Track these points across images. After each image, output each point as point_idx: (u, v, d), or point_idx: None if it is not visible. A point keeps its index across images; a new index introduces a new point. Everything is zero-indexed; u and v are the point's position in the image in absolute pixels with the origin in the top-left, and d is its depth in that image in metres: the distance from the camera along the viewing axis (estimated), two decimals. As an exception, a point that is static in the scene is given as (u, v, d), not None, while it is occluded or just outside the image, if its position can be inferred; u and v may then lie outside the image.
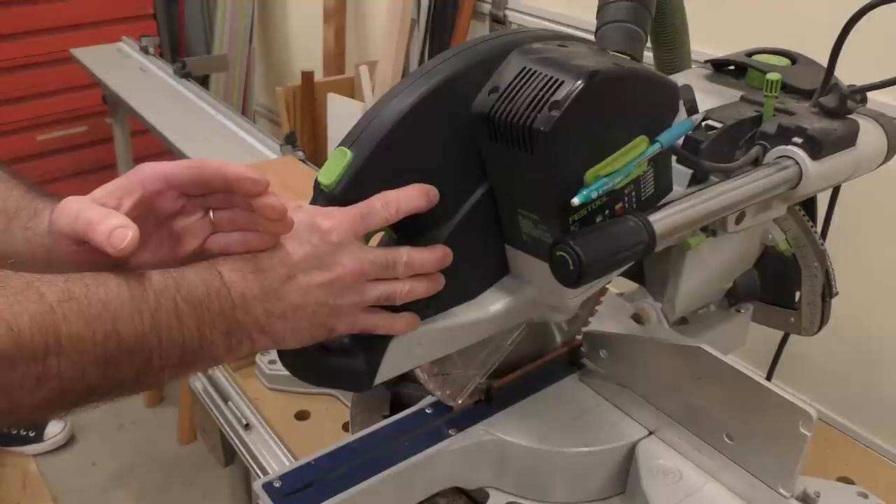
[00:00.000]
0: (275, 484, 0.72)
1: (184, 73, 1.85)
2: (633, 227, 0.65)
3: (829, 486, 0.75)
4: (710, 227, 0.89)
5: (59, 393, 0.49)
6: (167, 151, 2.90)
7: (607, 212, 0.69)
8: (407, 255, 0.62)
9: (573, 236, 0.62)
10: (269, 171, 1.31)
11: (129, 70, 1.96)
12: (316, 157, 1.37)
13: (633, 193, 0.71)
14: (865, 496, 0.83)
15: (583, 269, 0.60)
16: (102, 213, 0.56)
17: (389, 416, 0.92)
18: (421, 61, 1.82)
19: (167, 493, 2.02)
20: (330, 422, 0.98)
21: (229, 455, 1.12)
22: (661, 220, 0.67)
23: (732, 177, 0.80)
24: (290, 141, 1.36)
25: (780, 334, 1.12)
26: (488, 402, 0.82)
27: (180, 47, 2.86)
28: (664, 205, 0.72)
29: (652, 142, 0.67)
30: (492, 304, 0.71)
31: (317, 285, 0.58)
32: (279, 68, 2.78)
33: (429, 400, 0.83)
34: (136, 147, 2.30)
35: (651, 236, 0.65)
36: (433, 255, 0.63)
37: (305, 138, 1.84)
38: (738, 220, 0.88)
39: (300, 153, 1.36)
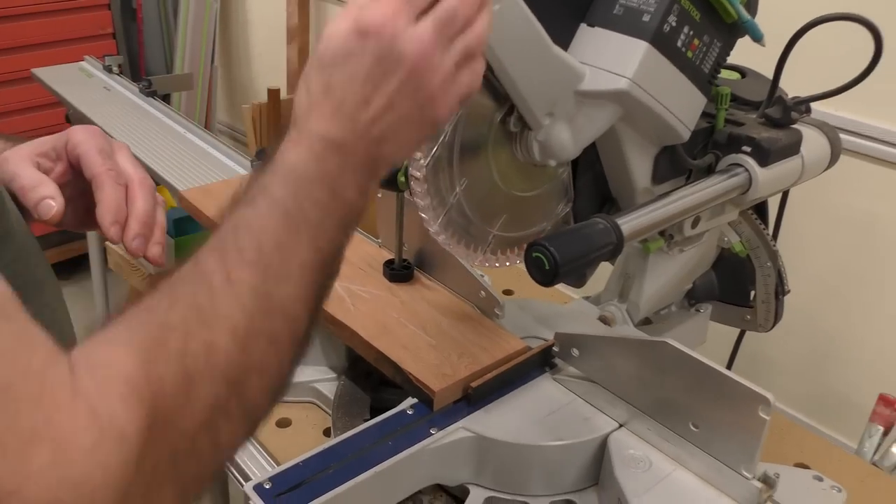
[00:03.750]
0: (265, 485, 0.74)
1: (149, 92, 1.86)
2: (602, 229, 0.70)
3: (787, 471, 0.80)
4: (668, 232, 0.95)
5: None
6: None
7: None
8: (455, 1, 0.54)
9: (548, 238, 0.67)
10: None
11: (93, 89, 1.96)
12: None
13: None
14: (820, 479, 0.88)
15: (558, 268, 0.65)
16: (34, 180, 0.65)
17: (369, 419, 0.95)
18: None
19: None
20: (311, 428, 1.01)
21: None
22: (627, 222, 0.73)
23: (688, 183, 0.86)
24: (261, 156, 1.39)
25: (736, 332, 1.19)
26: (467, 402, 0.85)
27: (140, 67, 2.86)
28: (629, 211, 0.77)
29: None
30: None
31: (395, 91, 0.53)
32: (241, 87, 2.80)
33: (409, 402, 0.87)
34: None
35: (619, 237, 0.70)
36: None
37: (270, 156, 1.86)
38: (694, 225, 0.94)
39: (271, 169, 1.39)
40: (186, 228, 2.04)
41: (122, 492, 0.40)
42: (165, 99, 2.03)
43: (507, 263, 0.85)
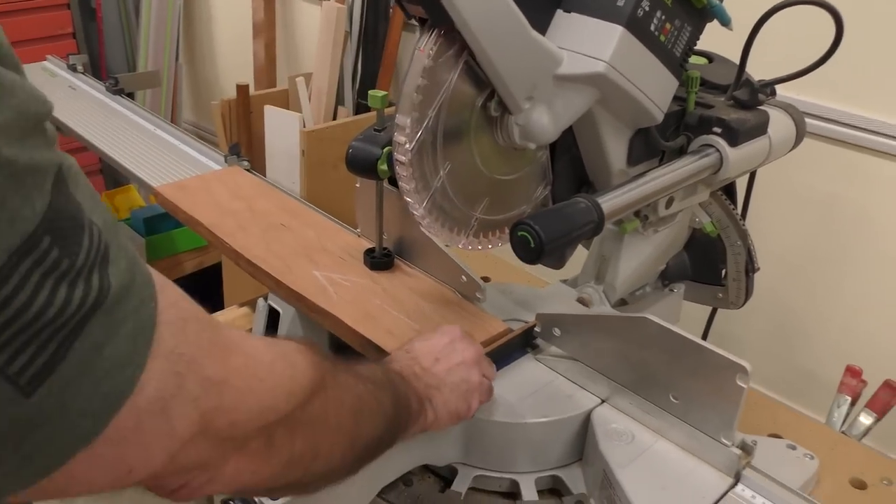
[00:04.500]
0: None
1: (116, 90, 1.84)
2: (584, 208, 0.72)
3: (762, 440, 0.83)
4: (643, 213, 0.98)
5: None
6: (101, 170, 2.87)
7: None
8: (493, 369, 0.86)
9: (532, 217, 0.69)
10: (217, 180, 1.34)
11: (57, 88, 1.93)
12: (255, 168, 1.40)
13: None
14: (794, 447, 0.92)
15: (543, 246, 0.67)
16: None
17: (357, 405, 0.96)
18: (354, 72, 1.87)
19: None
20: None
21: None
22: (607, 201, 0.75)
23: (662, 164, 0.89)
24: (234, 151, 1.39)
25: (707, 312, 1.22)
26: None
27: (101, 66, 2.82)
28: (608, 191, 0.80)
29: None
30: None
31: (455, 364, 0.79)
32: (207, 85, 2.78)
33: (396, 385, 0.88)
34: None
35: (600, 215, 0.72)
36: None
37: (242, 151, 1.86)
38: (668, 205, 0.96)
39: (245, 163, 1.39)
40: (157, 227, 2.03)
41: (288, 416, 0.53)
42: (130, 98, 2.01)
43: (490, 246, 0.87)
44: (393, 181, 1.03)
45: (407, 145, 0.72)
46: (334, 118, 1.84)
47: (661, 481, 0.77)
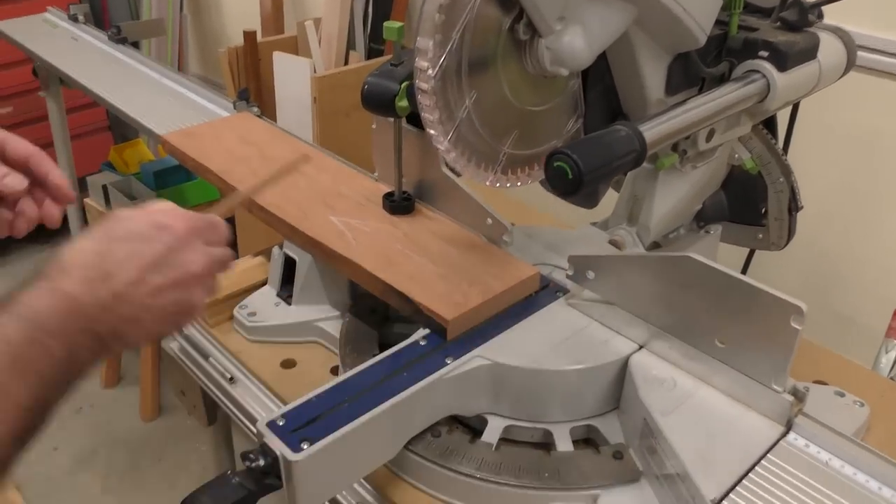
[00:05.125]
0: (278, 422, 0.71)
1: (119, 39, 1.78)
2: (624, 136, 0.66)
3: (810, 387, 0.78)
4: (681, 147, 0.92)
5: None
6: (109, 126, 2.81)
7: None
8: (225, 228, 0.66)
9: (569, 146, 0.63)
10: (226, 127, 1.28)
11: (59, 39, 1.87)
12: (265, 115, 1.34)
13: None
14: (842, 395, 0.87)
15: (582, 177, 0.61)
16: None
17: (378, 354, 0.92)
18: (365, 16, 1.80)
19: (136, 471, 1.98)
20: (317, 368, 0.98)
21: (211, 414, 1.10)
22: (650, 129, 0.69)
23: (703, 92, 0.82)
24: (243, 97, 1.33)
25: (742, 256, 1.16)
26: (481, 330, 0.82)
27: (103, 17, 2.74)
28: (649, 119, 0.73)
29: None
30: None
31: (169, 285, 0.59)
32: (213, 36, 2.70)
33: (421, 333, 0.83)
34: (73, 123, 2.21)
35: (642, 144, 0.66)
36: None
37: (251, 98, 1.80)
38: (709, 138, 0.90)
39: (255, 109, 1.33)
40: (167, 181, 1.98)
41: None
42: (134, 47, 1.95)
43: (518, 183, 0.81)
44: (411, 120, 0.97)
45: (430, 71, 0.66)
46: (346, 63, 1.77)
47: (706, 429, 0.72)
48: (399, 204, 1.00)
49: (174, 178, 1.97)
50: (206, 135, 1.24)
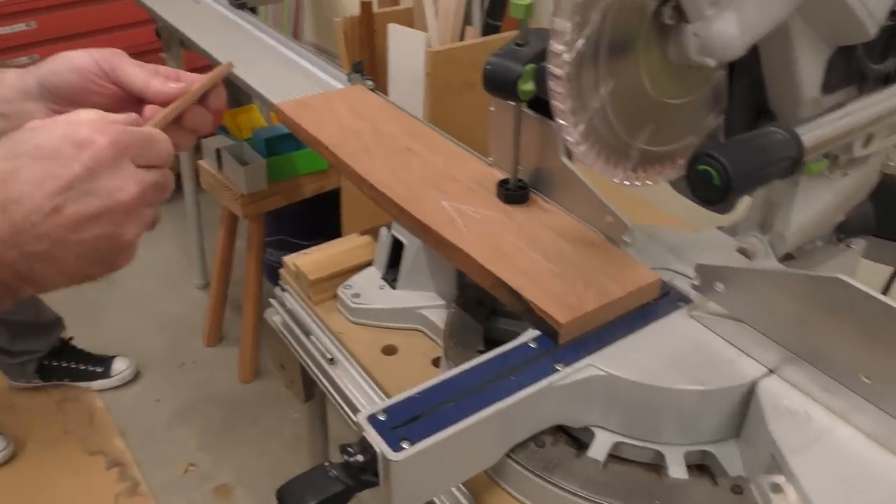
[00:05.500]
0: (379, 416, 0.68)
1: (239, 4, 1.80)
2: (780, 139, 0.59)
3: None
4: (832, 152, 0.83)
5: None
6: (224, 87, 2.87)
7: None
8: (166, 144, 0.54)
9: (716, 148, 0.56)
10: (339, 99, 1.26)
11: (182, 2, 1.91)
12: (378, 88, 1.31)
13: None
14: None
15: (731, 183, 0.55)
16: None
17: (484, 351, 0.88)
18: (485, -11, 1.74)
19: (230, 431, 2.04)
20: (419, 357, 0.95)
21: (309, 390, 1.09)
22: (808, 132, 0.61)
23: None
24: (358, 69, 1.30)
25: (885, 275, 1.06)
26: (596, 336, 0.77)
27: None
28: (807, 122, 0.65)
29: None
30: None
31: (92, 215, 0.48)
32: (329, 3, 2.70)
33: (531, 334, 0.79)
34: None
35: (799, 150, 0.59)
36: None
37: (365, 70, 1.78)
38: (866, 143, 0.81)
39: (369, 82, 1.30)
40: (278, 148, 2.00)
41: None
42: (252, 12, 1.97)
43: (649, 182, 0.75)
44: (533, 104, 0.92)
45: (565, 56, 0.61)
46: (461, 39, 1.72)
47: (844, 475, 0.65)
48: (514, 193, 0.95)
49: (285, 145, 1.98)
50: (320, 106, 1.22)
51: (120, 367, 2.14)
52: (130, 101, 0.61)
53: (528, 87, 0.83)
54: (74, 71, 0.59)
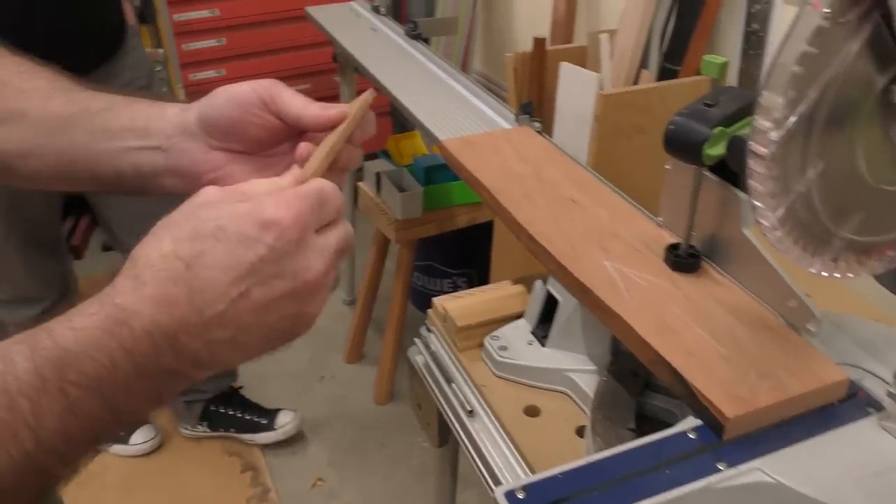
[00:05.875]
0: (518, 494, 0.64)
1: (414, 35, 1.82)
2: None
3: None
4: None
5: None
6: (391, 113, 2.95)
7: None
8: (337, 197, 0.51)
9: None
10: (505, 140, 1.23)
11: (360, 29, 1.96)
12: (543, 128, 1.28)
13: None
14: None
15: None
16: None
17: (635, 429, 0.81)
18: (664, 32, 1.67)
19: (360, 451, 2.05)
20: (562, 423, 0.90)
21: (443, 436, 1.06)
22: None
23: None
24: (527, 110, 1.28)
25: None
26: (768, 436, 0.69)
27: (401, 9, 2.86)
28: None
29: None
30: None
31: (278, 298, 0.45)
32: (500, 35, 2.71)
33: (690, 422, 0.72)
34: (358, 106, 2.33)
35: None
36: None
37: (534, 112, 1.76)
38: None
39: (537, 124, 1.27)
40: (436, 177, 2.01)
41: None
42: (425, 43, 2.00)
43: (850, 275, 0.66)
44: (715, 167, 0.85)
45: (772, 134, 0.54)
46: (635, 83, 1.66)
47: None
48: (684, 260, 0.89)
49: (443, 175, 1.99)
50: (485, 146, 1.20)
51: (284, 420, 2.07)
52: (286, 132, 0.61)
53: (714, 152, 0.76)
54: (233, 103, 0.59)
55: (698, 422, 0.71)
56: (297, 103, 0.59)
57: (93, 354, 0.41)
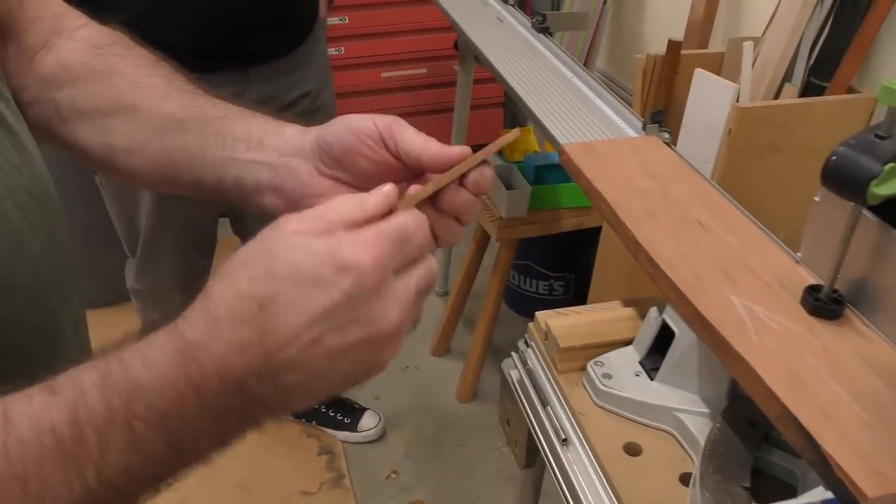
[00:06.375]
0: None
1: (541, 28, 1.75)
2: None
3: None
4: None
5: None
6: (504, 104, 2.89)
7: None
8: (421, 233, 0.46)
9: None
10: (630, 149, 1.15)
11: (486, 19, 1.90)
12: (671, 139, 1.19)
13: None
14: None
15: None
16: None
17: (750, 487, 0.73)
18: (815, 43, 1.53)
19: (438, 447, 2.02)
20: (664, 466, 0.82)
21: (531, 458, 1.00)
22: None
23: None
24: (656, 119, 1.19)
25: None
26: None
27: (526, 1, 2.78)
28: None
29: None
30: None
31: (351, 345, 0.42)
32: (629, 34, 2.60)
33: (820, 493, 0.63)
34: (474, 94, 2.28)
35: None
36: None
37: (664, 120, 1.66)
38: None
39: (666, 134, 1.18)
40: (545, 177, 1.93)
41: None
42: (550, 36, 1.92)
43: None
44: (877, 207, 0.75)
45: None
46: (776, 97, 1.53)
47: None
48: (825, 305, 0.79)
49: (553, 175, 1.92)
50: (608, 153, 1.13)
51: (368, 423, 2.03)
52: (398, 171, 0.57)
53: (883, 191, 0.67)
54: (351, 131, 0.56)
55: (829, 495, 0.63)
56: (418, 141, 0.54)
57: (161, 389, 0.40)
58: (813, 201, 0.83)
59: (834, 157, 0.70)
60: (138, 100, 0.62)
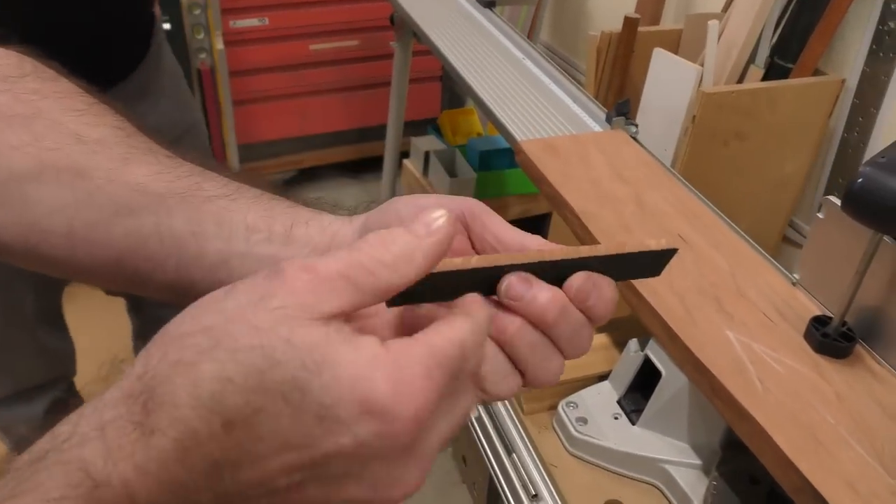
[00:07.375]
0: None
1: (487, 3, 1.60)
2: None
3: None
4: None
5: None
6: (440, 77, 2.73)
7: None
8: (479, 357, 0.32)
9: None
10: (595, 146, 1.02)
11: (424, -10, 1.74)
12: (638, 132, 1.07)
13: None
14: None
15: None
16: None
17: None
18: (778, 23, 1.43)
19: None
20: (652, 531, 0.71)
21: (492, 501, 0.88)
22: None
23: None
24: (622, 111, 1.06)
25: None
26: None
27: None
28: None
29: None
30: None
31: (343, 501, 0.30)
32: (573, 4, 2.46)
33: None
34: (411, 66, 2.12)
35: None
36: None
37: (611, 99, 1.54)
38: None
39: (633, 128, 1.06)
40: (490, 163, 1.80)
41: None
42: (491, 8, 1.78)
43: None
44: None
45: None
46: (740, 80, 1.43)
47: None
48: (834, 343, 0.68)
49: (499, 161, 1.79)
50: (571, 152, 1.00)
51: None
52: None
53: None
54: (417, 207, 0.40)
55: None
56: (509, 233, 0.40)
57: None
58: (816, 219, 0.72)
59: (860, 180, 0.58)
60: (82, 161, 0.42)
